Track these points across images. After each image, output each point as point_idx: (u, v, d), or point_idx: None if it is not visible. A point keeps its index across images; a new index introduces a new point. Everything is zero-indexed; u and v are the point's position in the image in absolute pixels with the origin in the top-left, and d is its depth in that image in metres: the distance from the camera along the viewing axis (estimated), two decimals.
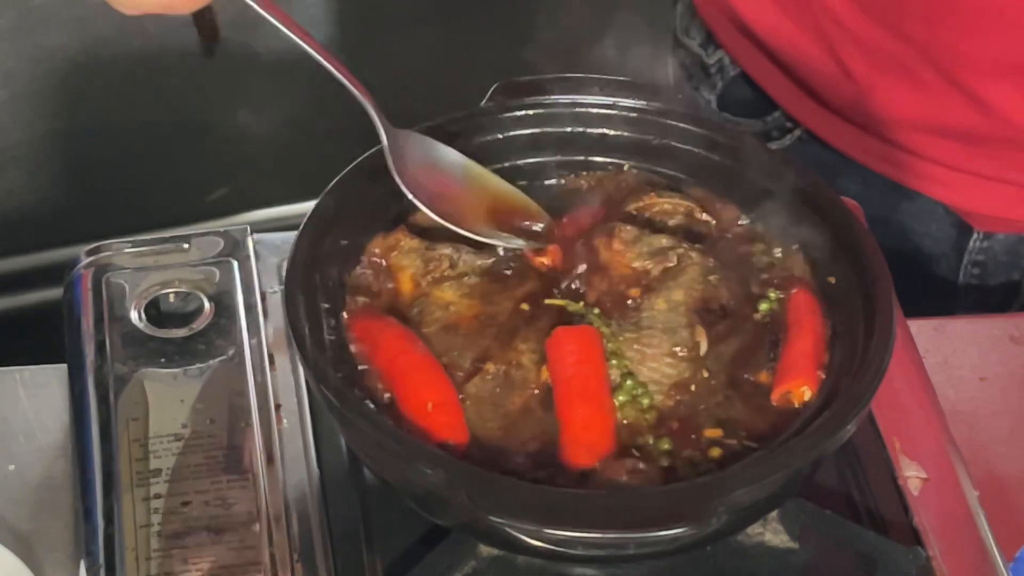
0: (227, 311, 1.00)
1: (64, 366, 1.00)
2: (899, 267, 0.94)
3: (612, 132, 1.02)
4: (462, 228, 0.95)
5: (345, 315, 0.92)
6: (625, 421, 0.88)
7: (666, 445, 0.87)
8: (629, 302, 0.94)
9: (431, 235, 0.97)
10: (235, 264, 1.03)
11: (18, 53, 1.96)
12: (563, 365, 0.89)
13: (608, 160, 1.03)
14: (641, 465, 0.86)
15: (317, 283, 0.91)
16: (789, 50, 1.24)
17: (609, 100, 1.02)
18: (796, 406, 0.89)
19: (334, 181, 0.95)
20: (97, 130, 2.06)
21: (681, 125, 1.01)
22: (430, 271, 0.95)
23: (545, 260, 0.96)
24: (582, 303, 0.94)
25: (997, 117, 1.17)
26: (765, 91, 1.28)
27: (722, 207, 1.01)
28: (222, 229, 1.05)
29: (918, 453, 0.97)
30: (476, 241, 0.96)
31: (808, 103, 1.26)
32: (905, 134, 1.22)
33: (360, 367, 0.90)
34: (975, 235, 1.26)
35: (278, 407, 0.96)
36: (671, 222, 1.00)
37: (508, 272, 0.96)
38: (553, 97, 1.02)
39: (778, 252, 0.98)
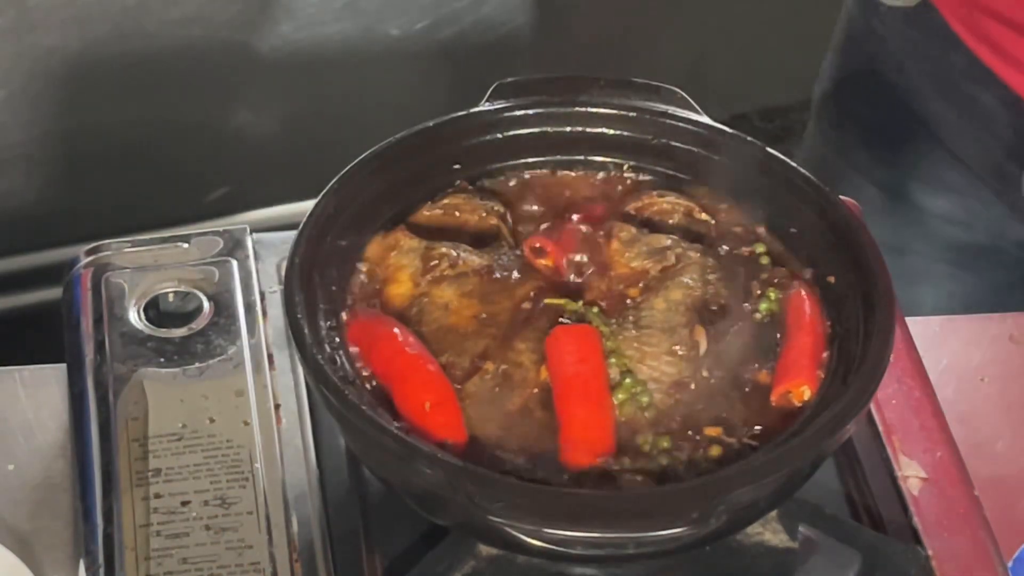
0: (226, 311, 1.00)
1: (63, 366, 1.00)
2: None
3: (612, 132, 1.02)
4: None
5: (344, 315, 0.92)
6: (624, 419, 0.88)
7: (665, 443, 0.87)
8: (628, 301, 0.94)
9: (430, 235, 0.97)
10: (235, 264, 1.03)
11: (16, 53, 1.95)
12: (562, 364, 0.89)
13: (608, 160, 1.03)
14: (640, 464, 0.86)
15: (317, 283, 0.91)
16: None
17: (609, 100, 1.02)
18: (796, 406, 0.89)
19: (334, 181, 0.95)
20: (96, 130, 2.06)
21: (681, 125, 1.01)
22: (429, 270, 0.95)
23: (545, 260, 0.96)
24: (581, 302, 0.94)
25: None
26: None
27: (721, 206, 1.01)
28: (222, 229, 1.05)
29: (918, 453, 0.97)
30: (475, 241, 0.96)
31: None
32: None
33: (359, 367, 0.90)
34: None
35: (277, 407, 0.96)
36: (670, 222, 1.00)
37: (508, 272, 0.96)
38: (553, 97, 1.02)
39: (777, 252, 0.98)
